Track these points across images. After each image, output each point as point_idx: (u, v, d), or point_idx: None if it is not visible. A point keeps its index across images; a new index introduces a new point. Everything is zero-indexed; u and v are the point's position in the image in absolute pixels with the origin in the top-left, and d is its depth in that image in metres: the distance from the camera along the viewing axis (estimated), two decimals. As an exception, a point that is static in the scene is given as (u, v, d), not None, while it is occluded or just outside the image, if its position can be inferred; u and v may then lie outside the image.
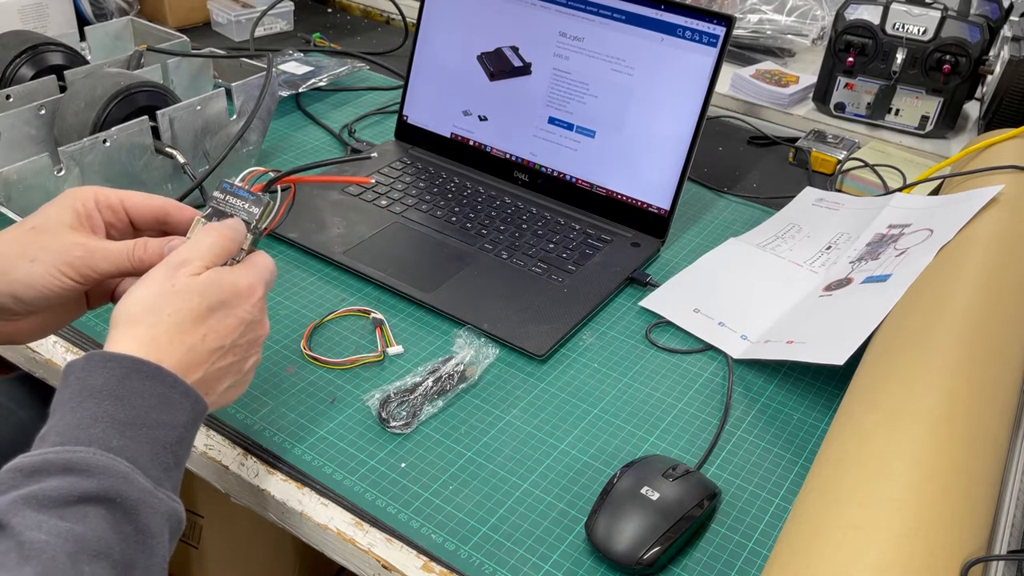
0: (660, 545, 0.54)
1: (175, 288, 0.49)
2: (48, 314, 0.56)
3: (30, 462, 0.41)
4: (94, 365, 0.46)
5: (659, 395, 0.69)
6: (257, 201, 0.55)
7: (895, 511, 0.47)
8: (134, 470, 0.43)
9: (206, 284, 0.50)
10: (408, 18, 1.35)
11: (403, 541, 0.56)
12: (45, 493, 0.40)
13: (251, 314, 0.52)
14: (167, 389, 0.46)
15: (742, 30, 1.33)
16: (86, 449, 0.42)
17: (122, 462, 0.42)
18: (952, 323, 0.61)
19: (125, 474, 0.42)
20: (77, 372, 0.46)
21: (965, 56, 1.04)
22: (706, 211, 0.96)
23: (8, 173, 0.72)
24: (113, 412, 0.44)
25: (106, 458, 0.42)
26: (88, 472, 0.41)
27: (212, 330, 0.50)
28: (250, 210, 0.55)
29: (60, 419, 0.44)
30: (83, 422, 0.43)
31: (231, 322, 0.51)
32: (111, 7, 1.24)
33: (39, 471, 0.41)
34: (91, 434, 0.43)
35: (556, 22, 0.90)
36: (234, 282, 0.51)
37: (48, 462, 0.41)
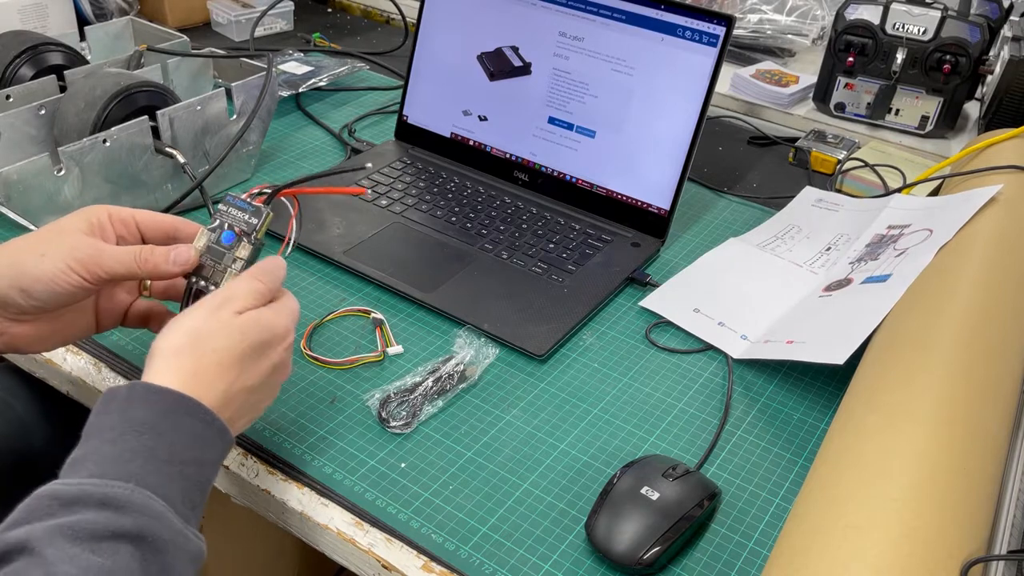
0: (660, 545, 0.54)
1: (220, 323, 0.50)
2: (56, 319, 0.56)
3: (67, 491, 0.42)
4: (137, 396, 0.46)
5: (659, 395, 0.69)
6: (256, 212, 0.57)
7: (895, 511, 0.47)
8: (168, 509, 0.43)
9: (249, 324, 0.51)
10: (408, 18, 1.35)
11: (403, 541, 0.56)
12: (81, 526, 0.40)
13: (281, 357, 0.53)
14: (205, 428, 0.47)
15: (742, 30, 1.33)
16: (124, 485, 0.42)
17: (158, 501, 0.43)
18: (952, 323, 0.61)
19: (160, 514, 0.42)
20: (120, 401, 0.46)
21: (965, 56, 1.04)
22: (706, 211, 0.96)
23: (8, 173, 0.72)
24: (153, 447, 0.44)
25: (143, 496, 0.42)
26: (125, 509, 0.41)
27: (247, 371, 0.51)
28: (250, 221, 0.57)
29: (99, 448, 0.44)
30: (123, 455, 0.44)
31: (264, 365, 0.52)
32: (111, 7, 1.24)
33: (76, 502, 0.41)
34: (130, 469, 0.43)
35: (556, 22, 0.90)
36: (272, 324, 0.52)
37: (86, 494, 0.41)
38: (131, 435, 0.44)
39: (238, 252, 0.56)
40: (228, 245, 0.56)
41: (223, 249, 0.56)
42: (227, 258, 0.56)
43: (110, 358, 0.69)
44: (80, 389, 0.68)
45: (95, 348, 0.70)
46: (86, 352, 0.69)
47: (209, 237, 0.57)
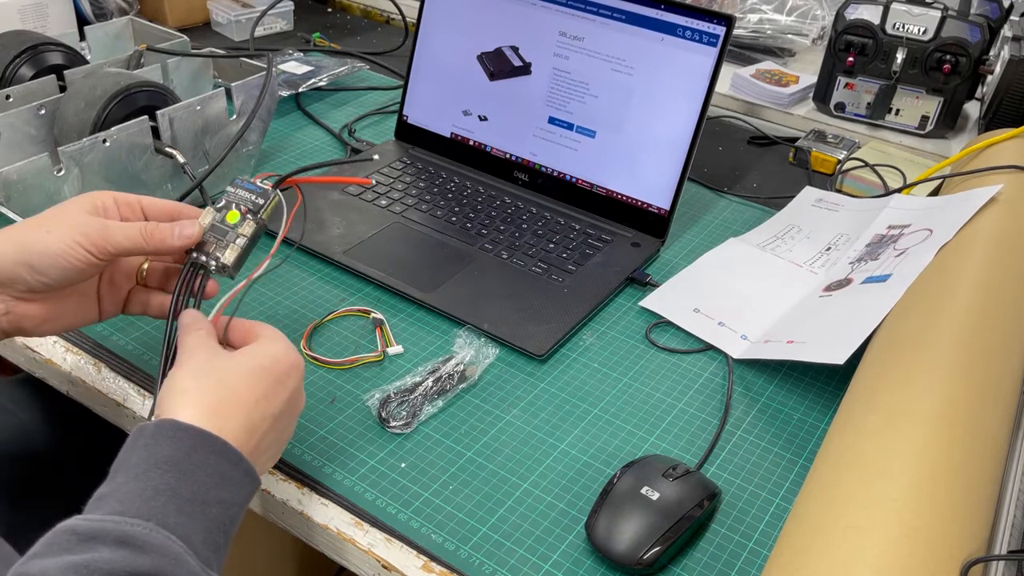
0: (660, 545, 0.54)
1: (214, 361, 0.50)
2: (61, 300, 0.56)
3: (86, 527, 0.41)
4: (163, 434, 0.46)
5: (659, 395, 0.69)
6: (263, 194, 0.58)
7: (895, 511, 0.47)
8: (186, 551, 0.42)
9: (243, 355, 0.51)
10: (408, 18, 1.35)
11: (403, 541, 0.56)
12: (96, 564, 0.40)
13: (295, 382, 0.53)
14: (230, 467, 0.47)
15: (742, 30, 1.33)
16: (144, 524, 0.42)
17: (176, 542, 0.42)
18: (952, 323, 0.61)
19: (177, 555, 0.42)
20: (146, 438, 0.46)
21: (965, 56, 1.04)
22: (706, 211, 0.96)
23: (8, 173, 0.72)
24: (176, 485, 0.44)
25: (161, 536, 0.42)
26: (142, 549, 0.41)
27: (264, 397, 0.50)
28: (256, 201, 0.58)
29: (123, 485, 0.44)
30: (145, 493, 0.43)
31: (280, 391, 0.51)
32: (111, 7, 1.24)
33: (94, 538, 0.41)
34: (151, 507, 0.43)
35: (556, 22, 0.90)
36: (272, 352, 0.52)
37: (105, 531, 0.41)
38: (155, 472, 0.44)
39: (241, 229, 0.57)
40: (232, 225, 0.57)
41: (227, 227, 0.57)
42: (230, 235, 0.57)
43: (110, 358, 0.69)
44: (80, 389, 0.68)
45: (95, 348, 0.70)
46: (86, 352, 0.69)
47: (215, 216, 0.57)
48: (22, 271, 0.53)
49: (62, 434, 0.77)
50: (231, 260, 0.57)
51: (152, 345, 0.70)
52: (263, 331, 0.55)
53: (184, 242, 0.56)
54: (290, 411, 0.53)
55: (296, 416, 0.55)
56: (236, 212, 0.57)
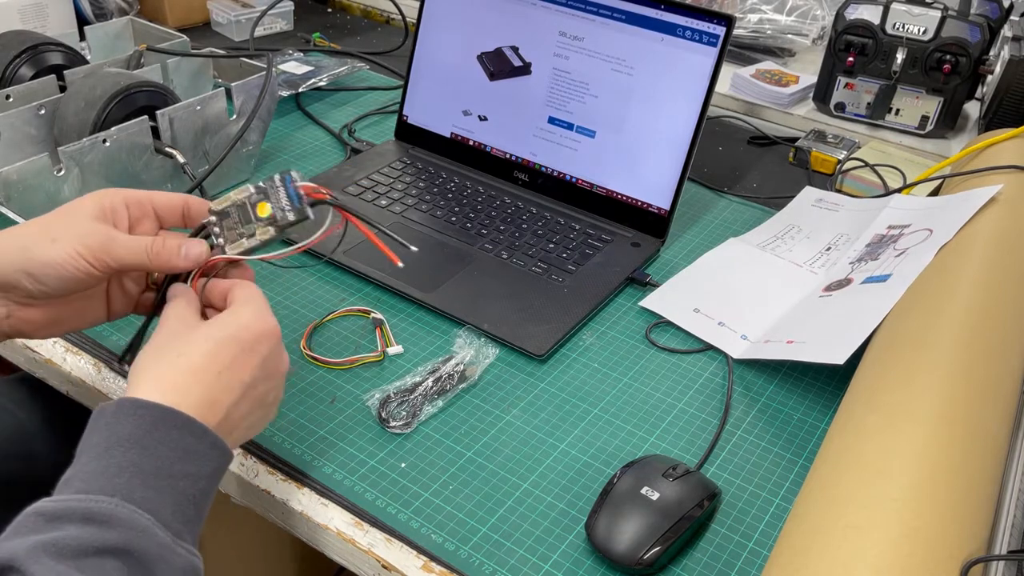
0: (660, 545, 0.54)
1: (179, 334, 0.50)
2: (64, 305, 0.56)
3: (52, 507, 0.41)
4: (124, 412, 0.45)
5: (659, 395, 0.69)
6: (299, 211, 0.55)
7: (895, 511, 0.47)
8: (154, 523, 0.42)
9: (209, 326, 0.50)
10: (408, 18, 1.35)
11: (403, 541, 0.56)
12: (64, 542, 0.40)
13: (268, 348, 0.52)
14: (194, 440, 0.46)
15: (742, 30, 1.33)
16: (108, 500, 0.42)
17: (143, 515, 0.42)
18: (952, 323, 0.61)
19: (145, 527, 0.42)
20: (107, 418, 0.45)
21: (965, 56, 1.04)
22: (706, 211, 0.96)
23: (8, 173, 0.72)
24: (139, 462, 0.44)
25: (127, 510, 0.42)
26: (108, 524, 0.41)
27: (228, 367, 0.49)
28: (286, 212, 0.55)
29: (85, 465, 0.44)
30: (108, 470, 0.43)
31: (250, 359, 0.50)
32: (111, 7, 1.24)
33: (60, 517, 0.41)
34: (115, 484, 0.43)
35: (556, 22, 0.90)
36: (239, 319, 0.51)
37: (70, 509, 0.41)
38: (117, 450, 0.44)
39: (259, 231, 0.55)
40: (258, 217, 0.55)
41: (251, 216, 0.55)
42: (249, 228, 0.55)
43: (110, 358, 0.69)
44: (80, 389, 0.68)
45: (95, 348, 0.70)
46: (86, 352, 0.69)
47: (248, 196, 0.55)
48: (23, 279, 0.52)
49: (62, 434, 0.77)
50: (235, 254, 0.56)
51: (152, 345, 0.70)
52: (238, 294, 0.53)
53: (190, 263, 0.54)
54: (267, 376, 0.52)
55: (278, 380, 0.53)
56: (268, 208, 0.55)
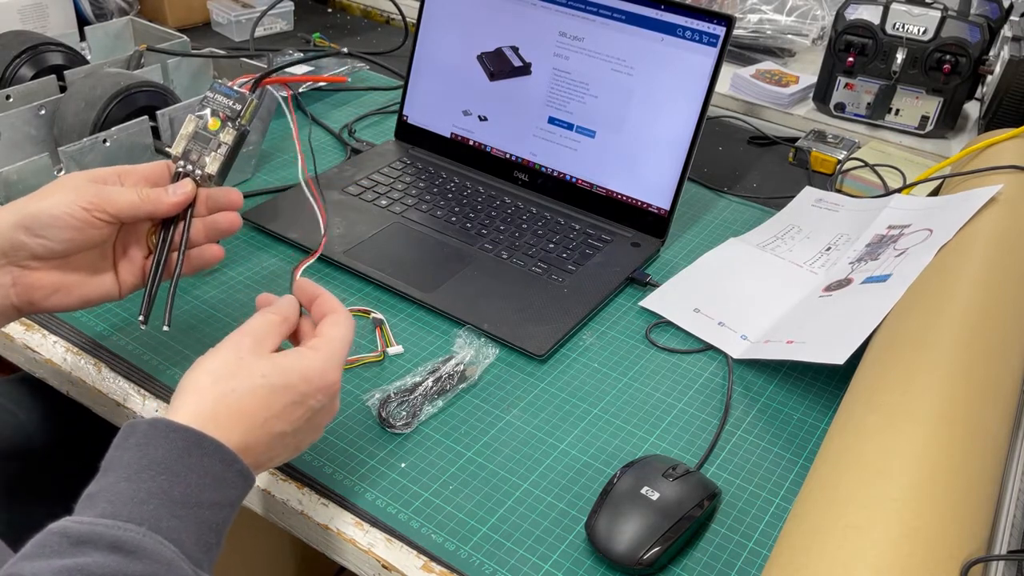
0: (660, 545, 0.54)
1: (241, 362, 0.49)
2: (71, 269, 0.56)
3: (78, 530, 0.41)
4: (157, 433, 0.45)
5: (659, 395, 0.69)
6: (241, 98, 0.59)
7: (895, 511, 0.47)
8: (179, 555, 0.42)
9: (272, 367, 0.49)
10: (408, 18, 1.35)
11: (403, 541, 0.56)
12: (89, 569, 0.39)
13: (320, 402, 0.51)
14: (224, 468, 0.46)
15: (742, 30, 1.33)
16: (136, 529, 0.41)
17: (169, 547, 0.42)
18: (952, 323, 0.61)
19: (170, 560, 0.41)
20: (139, 437, 0.45)
21: (965, 56, 1.04)
22: (706, 211, 0.96)
23: (8, 173, 0.72)
24: (168, 489, 0.43)
25: (154, 541, 0.41)
26: (135, 554, 0.40)
27: (276, 416, 0.49)
28: (234, 107, 0.59)
29: (114, 485, 0.43)
30: (138, 495, 0.43)
31: (298, 411, 0.50)
32: (111, 7, 1.24)
33: (86, 542, 0.40)
34: (143, 511, 0.42)
35: (556, 22, 0.90)
36: (304, 369, 0.50)
37: (97, 535, 0.41)
38: (147, 474, 0.43)
39: (222, 137, 0.59)
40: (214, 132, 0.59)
41: (209, 135, 0.59)
42: (212, 142, 0.59)
43: (110, 358, 0.69)
44: (80, 389, 0.68)
45: (95, 348, 0.70)
46: (86, 352, 0.69)
47: (197, 123, 0.59)
48: (21, 235, 0.53)
49: (62, 434, 0.77)
50: (215, 169, 0.59)
51: (153, 345, 0.70)
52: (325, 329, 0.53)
53: (180, 199, 0.57)
54: (311, 429, 0.52)
55: (319, 428, 0.53)
56: (217, 120, 0.59)
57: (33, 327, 0.71)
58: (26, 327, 0.71)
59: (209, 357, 0.50)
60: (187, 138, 0.59)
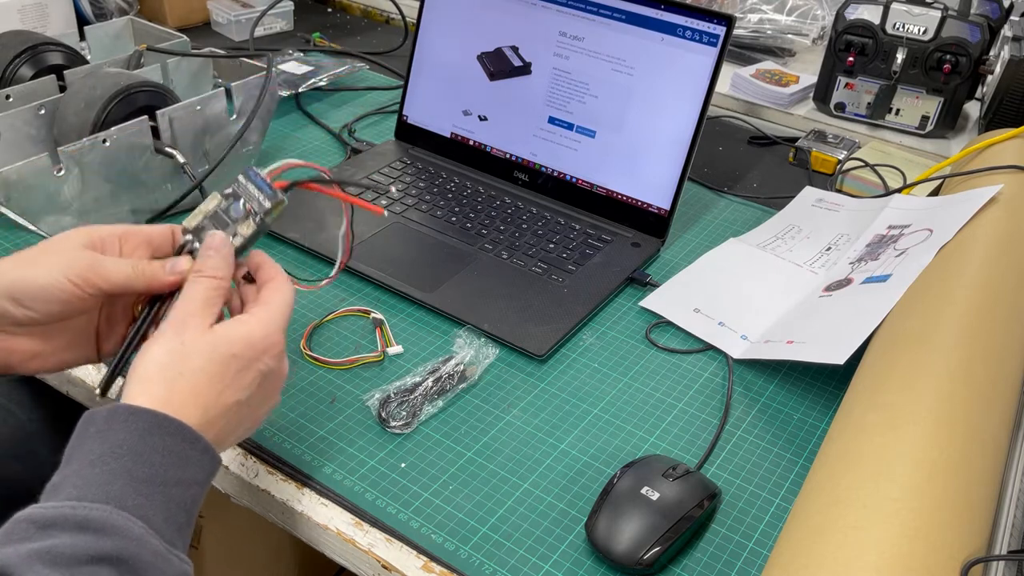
0: (660, 545, 0.54)
1: (184, 347, 0.49)
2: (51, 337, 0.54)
3: (43, 514, 0.41)
4: (117, 418, 0.45)
5: (659, 395, 0.69)
6: (272, 196, 0.55)
7: (895, 511, 0.47)
8: (148, 531, 0.42)
9: (215, 342, 0.49)
10: (408, 18, 1.35)
11: (403, 541, 0.56)
12: (58, 550, 0.39)
13: (268, 365, 0.51)
14: (187, 447, 0.46)
15: (742, 30, 1.33)
16: (102, 507, 0.41)
17: (137, 523, 0.42)
18: (952, 323, 0.61)
19: (139, 536, 0.42)
20: (99, 424, 0.45)
21: (965, 56, 1.04)
22: (706, 211, 0.96)
23: (8, 173, 0.72)
24: (132, 469, 0.43)
25: (121, 518, 0.41)
26: (103, 532, 0.40)
27: (228, 386, 0.49)
28: (262, 203, 0.55)
29: (77, 471, 0.43)
30: (101, 478, 0.43)
31: (248, 376, 0.50)
32: (111, 7, 1.24)
33: (53, 525, 0.40)
34: (108, 491, 0.42)
35: (556, 22, 0.90)
36: (247, 335, 0.50)
37: (63, 516, 0.41)
38: (110, 457, 0.43)
39: (240, 228, 0.55)
40: (234, 218, 0.55)
41: (228, 219, 0.55)
42: (229, 229, 0.55)
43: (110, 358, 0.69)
44: (80, 389, 0.68)
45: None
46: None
47: (219, 203, 0.55)
48: (8, 305, 0.51)
49: (62, 434, 0.77)
50: None
51: (152, 345, 0.70)
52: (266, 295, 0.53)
53: (176, 278, 0.54)
54: (265, 396, 0.52)
55: (277, 390, 0.54)
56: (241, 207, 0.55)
57: (33, 327, 0.71)
58: (26, 327, 0.71)
59: (154, 344, 0.49)
60: (204, 215, 0.55)
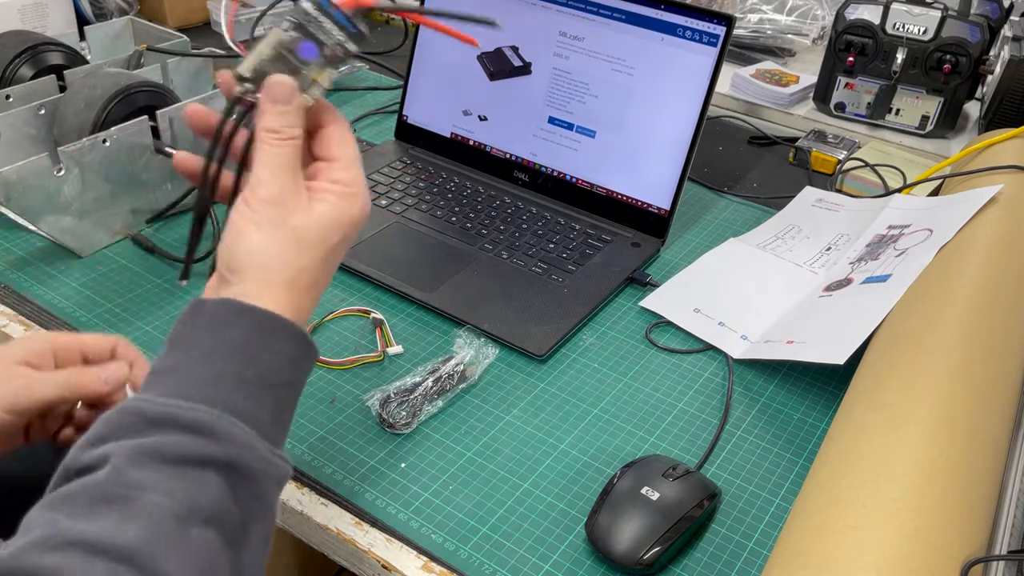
0: (660, 545, 0.54)
1: (297, 235, 0.45)
2: None
3: (153, 410, 0.40)
4: (230, 314, 0.44)
5: (659, 395, 0.69)
6: (357, 37, 0.45)
7: (895, 511, 0.47)
8: (255, 436, 0.41)
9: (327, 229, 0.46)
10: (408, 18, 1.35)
11: (403, 541, 0.56)
12: (168, 448, 0.39)
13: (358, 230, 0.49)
14: (296, 347, 0.45)
15: (742, 30, 1.33)
16: (211, 411, 0.40)
17: (244, 428, 0.41)
18: (952, 323, 0.61)
19: (247, 443, 0.41)
20: (208, 317, 0.44)
21: (965, 56, 1.04)
22: (706, 211, 0.96)
23: (8, 173, 0.72)
24: (241, 371, 0.42)
25: (229, 423, 0.41)
26: (212, 436, 0.40)
27: (333, 265, 0.48)
28: (347, 45, 0.45)
29: (186, 366, 0.42)
30: (211, 377, 0.42)
31: (343, 251, 0.49)
32: (111, 7, 1.24)
33: (163, 423, 0.40)
34: (218, 393, 0.41)
35: (556, 22, 0.90)
36: (351, 216, 0.47)
37: (172, 416, 0.40)
38: (220, 356, 0.42)
39: (317, 77, 0.45)
40: (304, 60, 0.44)
41: (297, 62, 0.44)
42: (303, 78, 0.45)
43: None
44: (80, 389, 0.68)
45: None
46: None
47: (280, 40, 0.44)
48: None
49: None
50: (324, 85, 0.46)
51: (152, 346, 0.70)
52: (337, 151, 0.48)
53: (111, 387, 0.53)
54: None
55: None
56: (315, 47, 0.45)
57: (32, 327, 0.71)
58: (25, 327, 0.71)
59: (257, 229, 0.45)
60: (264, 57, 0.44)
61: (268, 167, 0.45)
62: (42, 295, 0.75)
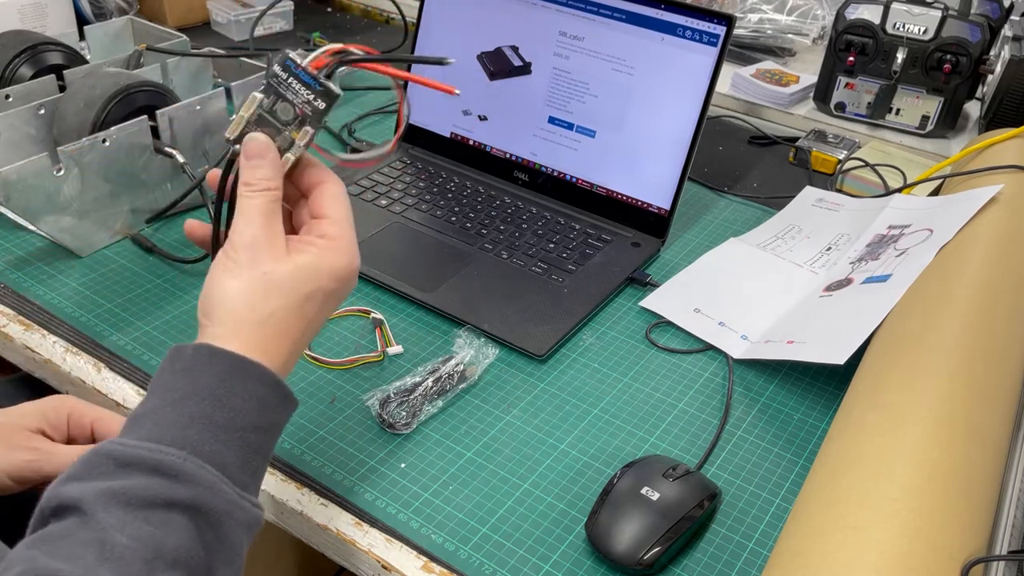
0: (660, 545, 0.54)
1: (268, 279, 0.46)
2: None
3: (123, 452, 0.41)
4: (202, 359, 0.45)
5: (659, 395, 0.69)
6: (326, 95, 0.47)
7: (895, 512, 0.47)
8: (222, 479, 0.42)
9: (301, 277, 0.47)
10: (408, 18, 1.35)
11: (403, 541, 0.56)
12: (134, 491, 0.40)
13: (348, 290, 0.50)
14: (268, 391, 0.46)
15: (742, 29, 1.33)
16: (178, 453, 0.41)
17: (211, 471, 0.42)
18: (952, 323, 0.61)
19: (213, 484, 0.42)
20: (184, 363, 0.45)
21: (966, 56, 1.04)
22: (706, 211, 0.96)
23: (7, 173, 0.72)
24: (211, 413, 0.43)
25: (197, 467, 0.41)
26: (177, 478, 0.41)
27: (310, 321, 0.48)
28: (316, 104, 0.46)
29: (159, 409, 0.43)
30: (181, 420, 0.43)
31: (329, 307, 0.49)
32: (111, 7, 1.24)
33: (131, 465, 0.41)
34: (186, 435, 0.42)
35: (556, 21, 0.90)
36: (331, 268, 0.48)
37: (141, 458, 0.41)
38: (192, 400, 0.43)
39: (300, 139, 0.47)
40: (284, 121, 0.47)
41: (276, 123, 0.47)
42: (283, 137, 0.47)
43: (110, 358, 0.69)
44: (80, 389, 0.68)
45: (95, 348, 0.70)
46: (86, 352, 0.69)
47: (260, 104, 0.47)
48: None
49: None
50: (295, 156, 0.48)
51: (152, 345, 0.70)
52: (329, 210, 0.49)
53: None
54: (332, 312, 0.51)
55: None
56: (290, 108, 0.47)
57: (32, 327, 0.71)
58: (25, 327, 0.71)
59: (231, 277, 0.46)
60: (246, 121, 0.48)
61: (243, 216, 0.48)
62: (42, 295, 0.75)
